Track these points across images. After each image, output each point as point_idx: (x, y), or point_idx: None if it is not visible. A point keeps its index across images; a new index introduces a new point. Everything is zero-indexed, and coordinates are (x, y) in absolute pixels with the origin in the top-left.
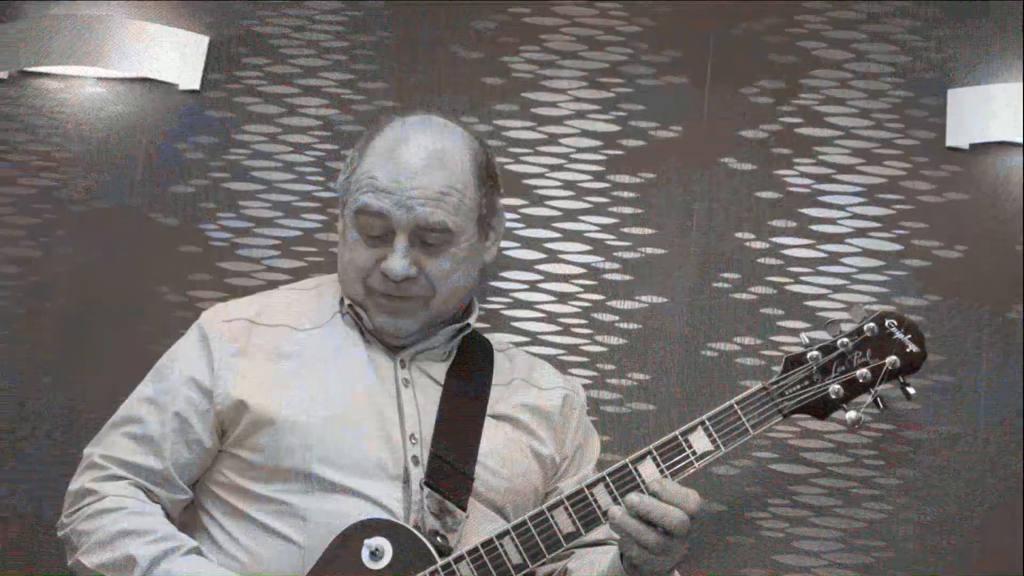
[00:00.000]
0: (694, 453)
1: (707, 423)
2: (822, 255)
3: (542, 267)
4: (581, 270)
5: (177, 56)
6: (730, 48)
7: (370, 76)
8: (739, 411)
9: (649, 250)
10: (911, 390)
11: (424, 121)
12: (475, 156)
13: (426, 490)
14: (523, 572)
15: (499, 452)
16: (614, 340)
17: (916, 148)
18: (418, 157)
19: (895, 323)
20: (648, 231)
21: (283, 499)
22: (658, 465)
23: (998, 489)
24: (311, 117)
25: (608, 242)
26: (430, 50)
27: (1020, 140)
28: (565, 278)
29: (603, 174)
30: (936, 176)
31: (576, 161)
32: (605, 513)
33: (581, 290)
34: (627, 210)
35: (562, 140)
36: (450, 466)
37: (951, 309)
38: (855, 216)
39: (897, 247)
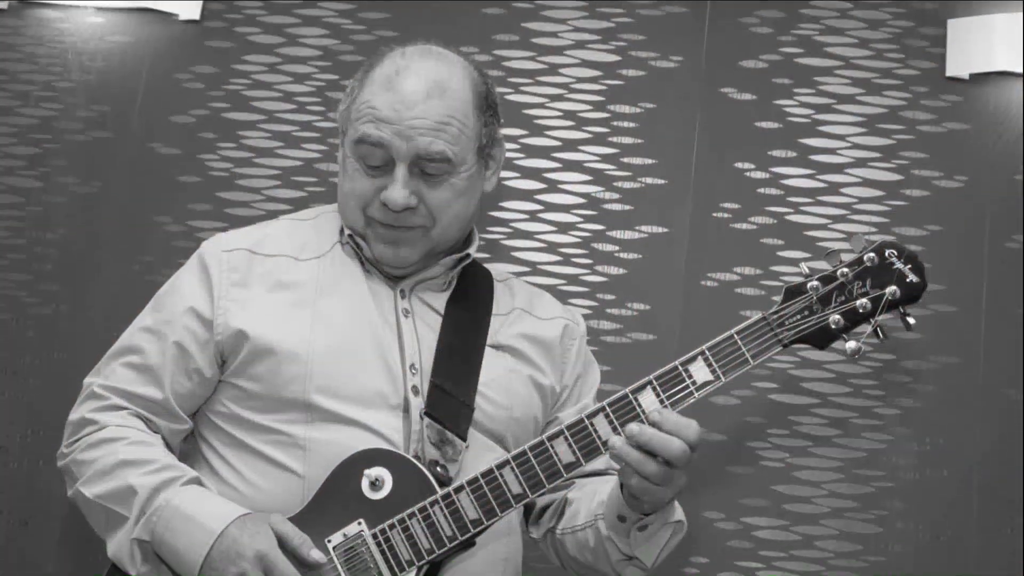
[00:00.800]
0: (694, 383)
1: (707, 353)
2: (822, 185)
3: (542, 197)
4: (581, 200)
5: None
6: None
7: (370, 6)
8: (739, 341)
9: (649, 180)
10: (911, 320)
11: (424, 51)
12: (475, 86)
13: (426, 420)
14: (523, 502)
15: (499, 382)
16: (614, 270)
17: (916, 78)
18: (418, 87)
19: (895, 253)
20: (648, 161)
21: (283, 429)
22: (658, 395)
23: (998, 419)
24: (311, 47)
25: (608, 172)
26: None
27: (1020, 70)
28: (565, 208)
29: (603, 104)
30: (936, 106)
31: (576, 91)
32: (605, 443)
33: (581, 220)
34: (627, 140)
35: (562, 70)
36: (450, 396)
37: (951, 239)
38: (855, 146)
39: (897, 177)
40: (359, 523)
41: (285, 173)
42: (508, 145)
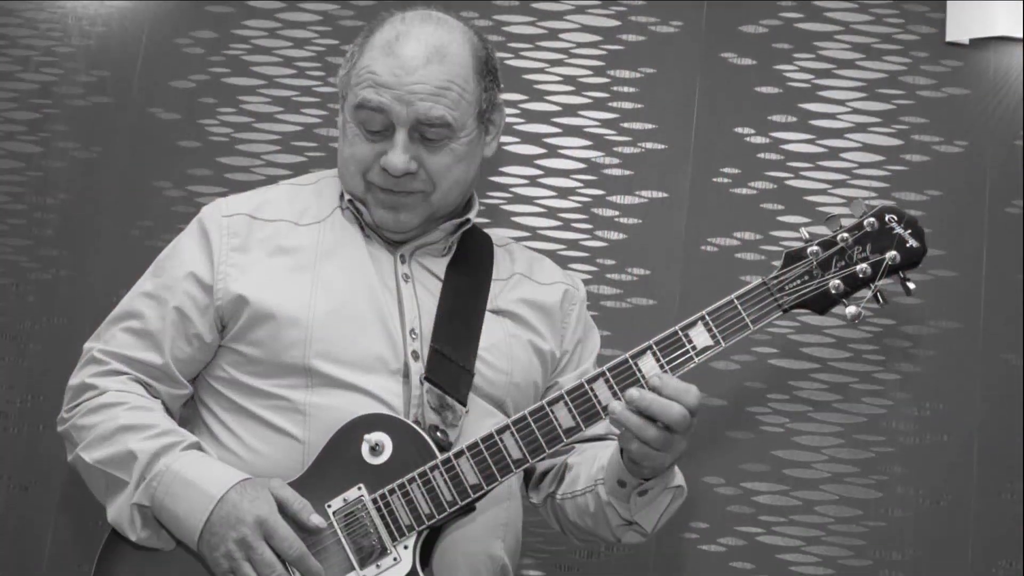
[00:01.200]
0: (694, 348)
1: (707, 318)
2: (822, 150)
3: (542, 162)
4: (581, 165)
5: None
6: None
7: None
8: (739, 306)
9: (649, 145)
10: (911, 285)
11: (424, 16)
12: (475, 51)
13: (426, 385)
14: (523, 467)
15: (499, 347)
16: (614, 235)
17: (916, 43)
18: (418, 52)
19: (895, 218)
20: (648, 126)
21: (283, 394)
22: (658, 360)
23: (998, 383)
24: (311, 12)
25: (608, 137)
26: None
27: (1020, 35)
28: (565, 173)
29: (603, 69)
30: (936, 71)
31: (576, 56)
32: (605, 408)
33: (581, 185)
34: (627, 105)
35: (562, 35)
36: (450, 361)
37: (951, 204)
38: (855, 111)
39: (897, 142)
40: (359, 488)
41: (285, 138)
42: (508, 110)
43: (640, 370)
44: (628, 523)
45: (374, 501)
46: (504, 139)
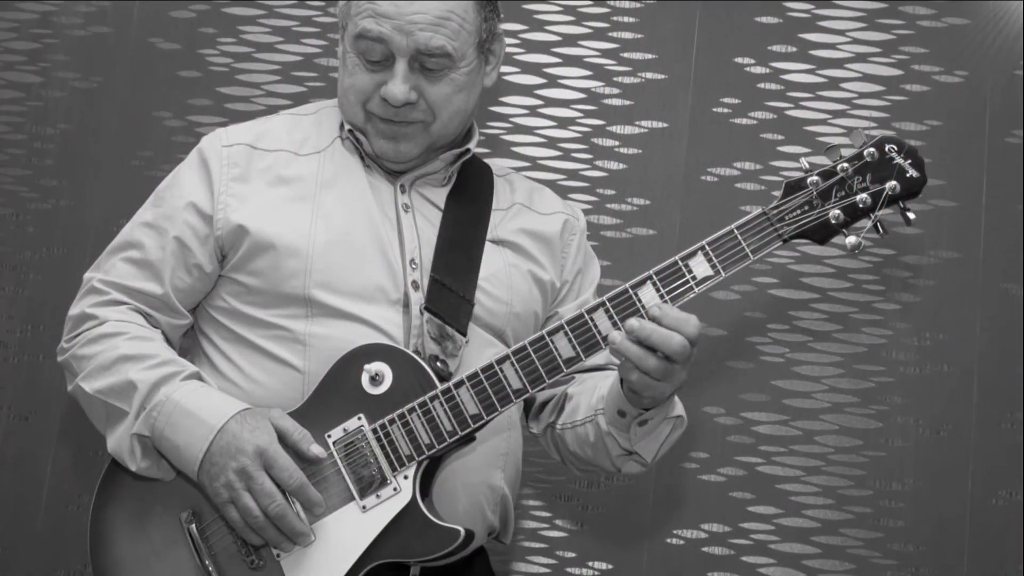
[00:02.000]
0: (694, 278)
1: (707, 248)
2: (822, 80)
3: (542, 92)
4: (581, 95)
5: None
6: None
7: None
8: (739, 236)
9: (649, 75)
10: (911, 215)
11: None
12: None
13: (426, 315)
14: (523, 397)
15: (499, 277)
16: (614, 165)
17: None
18: None
19: (895, 148)
20: (648, 56)
21: (283, 324)
22: (658, 290)
23: (997, 313)
24: None
25: (608, 67)
26: None
27: None
28: (565, 103)
29: None
30: (936, 1)
31: None
32: (605, 338)
33: (581, 115)
34: (627, 35)
35: None
36: (450, 291)
37: (951, 134)
38: (855, 41)
39: (897, 72)
40: (359, 418)
41: (285, 68)
42: (508, 40)
43: (640, 300)
44: (628, 453)
45: (374, 431)
46: (504, 69)
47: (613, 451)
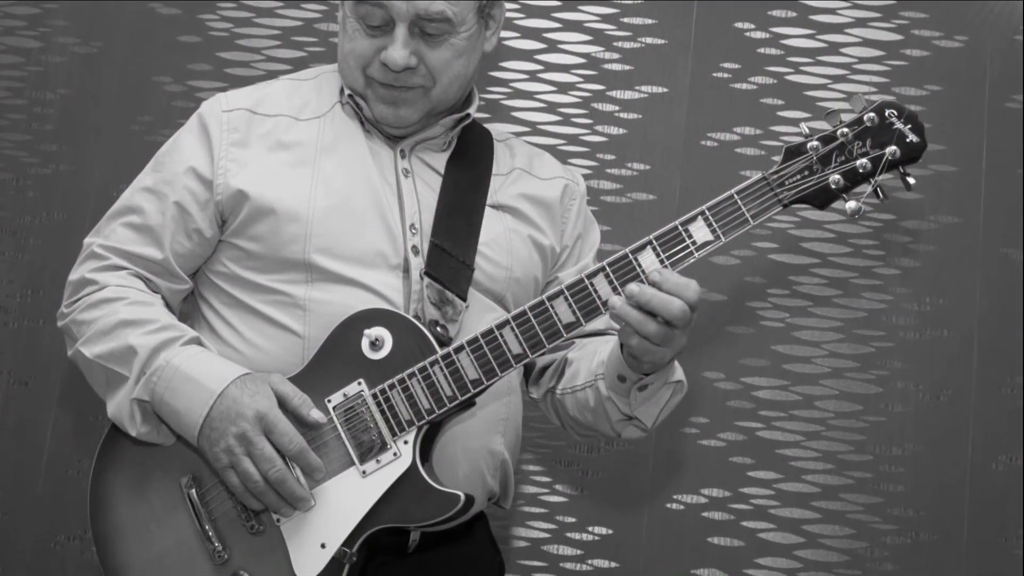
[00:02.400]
0: (694, 243)
1: (707, 213)
2: (822, 45)
3: (542, 57)
4: (581, 60)
5: None
6: None
7: None
8: (739, 201)
9: (649, 40)
10: (911, 180)
11: None
12: None
13: (426, 280)
14: (523, 362)
15: (499, 241)
16: (614, 130)
17: None
18: None
19: (895, 113)
20: (648, 21)
21: (283, 289)
22: (658, 255)
23: (997, 278)
24: None
25: (608, 32)
26: None
27: None
28: (565, 68)
29: None
30: None
31: None
32: (605, 303)
33: (581, 80)
34: (627, 0)
35: None
36: (450, 256)
37: (951, 99)
38: (855, 6)
39: (897, 37)
40: (359, 383)
41: (285, 33)
42: (508, 4)
43: (640, 265)
44: (628, 418)
45: (374, 396)
46: (504, 34)
47: (613, 416)
